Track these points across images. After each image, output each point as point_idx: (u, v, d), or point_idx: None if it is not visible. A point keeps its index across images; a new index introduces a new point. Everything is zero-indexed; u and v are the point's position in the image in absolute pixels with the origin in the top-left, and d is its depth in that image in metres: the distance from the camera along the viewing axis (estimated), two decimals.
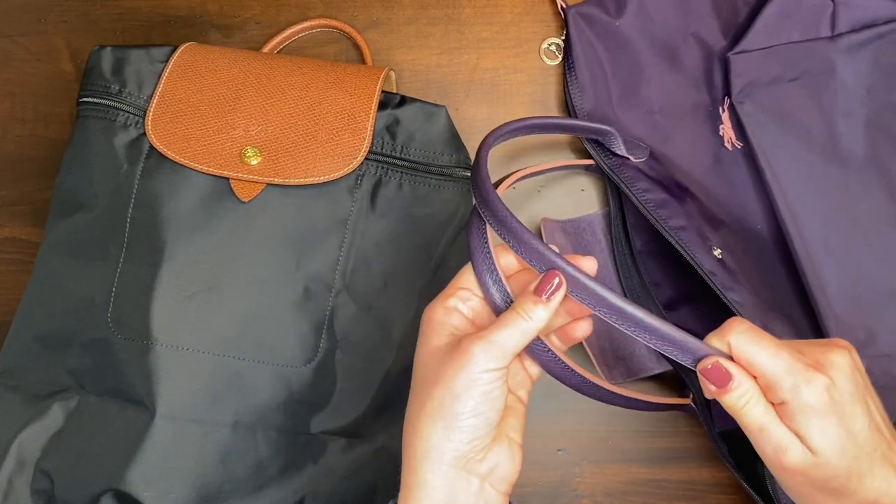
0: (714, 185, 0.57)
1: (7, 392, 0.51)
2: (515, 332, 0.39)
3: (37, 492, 0.49)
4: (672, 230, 0.53)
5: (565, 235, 0.57)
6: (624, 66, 0.59)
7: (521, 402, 0.44)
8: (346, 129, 0.52)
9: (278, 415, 0.50)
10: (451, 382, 0.38)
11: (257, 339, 0.50)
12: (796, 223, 0.54)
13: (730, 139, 0.57)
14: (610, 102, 0.59)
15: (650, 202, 0.55)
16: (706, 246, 0.55)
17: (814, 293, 0.54)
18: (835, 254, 0.54)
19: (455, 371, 0.38)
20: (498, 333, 0.39)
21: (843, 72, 0.56)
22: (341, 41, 0.62)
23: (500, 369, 0.39)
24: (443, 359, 0.39)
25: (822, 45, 0.57)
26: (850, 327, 0.53)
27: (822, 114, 0.56)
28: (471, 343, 0.39)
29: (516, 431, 0.43)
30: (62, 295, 0.51)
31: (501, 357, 0.39)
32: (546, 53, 0.61)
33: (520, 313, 0.39)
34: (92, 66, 0.54)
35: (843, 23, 0.57)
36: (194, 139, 0.52)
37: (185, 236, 0.50)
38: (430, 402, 0.39)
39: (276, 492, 0.50)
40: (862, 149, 0.56)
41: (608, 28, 0.59)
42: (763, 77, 0.56)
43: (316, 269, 0.51)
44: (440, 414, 0.39)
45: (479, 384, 0.38)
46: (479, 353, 0.38)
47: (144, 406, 0.48)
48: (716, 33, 0.59)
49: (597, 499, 0.57)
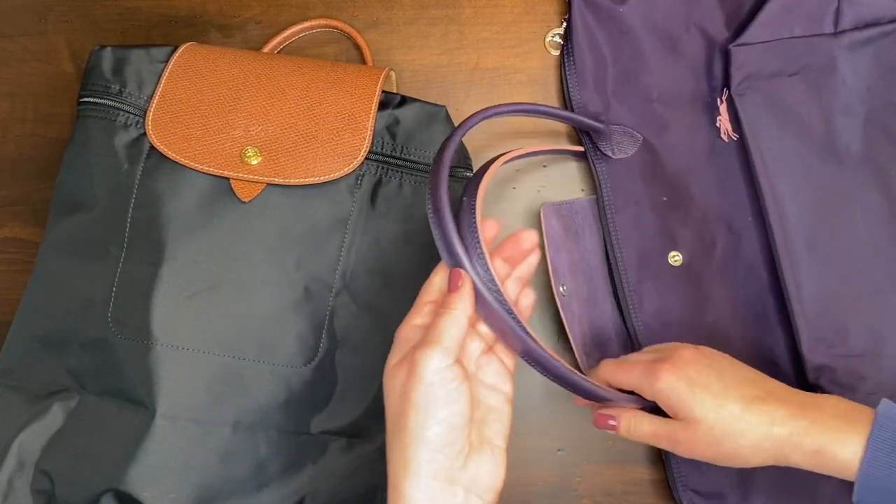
0: (707, 175, 0.57)
1: (7, 392, 0.51)
2: (446, 323, 0.41)
3: (37, 492, 0.49)
4: (620, 242, 0.56)
5: (558, 218, 0.57)
6: (625, 53, 0.59)
7: (506, 400, 0.44)
8: (346, 129, 0.52)
9: (278, 415, 0.50)
10: (409, 394, 0.39)
11: (257, 339, 0.50)
12: (781, 219, 0.55)
13: (726, 131, 0.57)
14: (608, 89, 0.59)
15: (611, 204, 0.57)
16: (664, 252, 0.56)
17: (788, 290, 0.54)
18: (816, 252, 0.54)
19: (410, 383, 0.40)
20: (433, 331, 0.41)
21: (845, 69, 0.56)
22: (341, 41, 0.62)
23: (448, 367, 0.40)
24: (401, 374, 0.41)
25: (825, 41, 0.57)
26: (819, 326, 0.53)
27: (821, 110, 0.56)
28: (415, 350, 0.40)
29: (500, 437, 0.43)
30: (62, 295, 0.51)
31: (443, 351, 0.40)
32: (551, 45, 0.61)
33: (442, 312, 0.41)
34: (92, 66, 0.54)
35: (846, 20, 0.57)
36: (195, 139, 0.52)
37: (186, 236, 0.50)
38: (398, 418, 0.40)
39: (276, 492, 0.50)
40: (859, 147, 0.56)
41: (612, 14, 0.59)
42: (763, 70, 0.57)
43: (316, 269, 0.51)
44: (406, 428, 0.39)
45: (433, 388, 0.39)
46: (424, 355, 0.40)
47: (144, 406, 0.48)
48: (719, 24, 0.59)
49: (597, 499, 0.57)
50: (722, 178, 0.57)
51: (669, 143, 0.58)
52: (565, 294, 0.55)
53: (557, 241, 0.56)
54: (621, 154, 0.57)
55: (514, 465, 0.57)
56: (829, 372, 0.53)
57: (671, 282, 0.56)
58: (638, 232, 0.57)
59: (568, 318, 0.55)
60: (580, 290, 0.57)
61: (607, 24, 0.59)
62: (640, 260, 0.56)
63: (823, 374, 0.53)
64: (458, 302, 0.41)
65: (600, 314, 0.57)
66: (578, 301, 0.56)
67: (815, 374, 0.53)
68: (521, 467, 0.58)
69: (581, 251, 0.57)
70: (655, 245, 0.57)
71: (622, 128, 0.58)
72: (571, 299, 0.56)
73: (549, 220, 0.56)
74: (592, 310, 0.57)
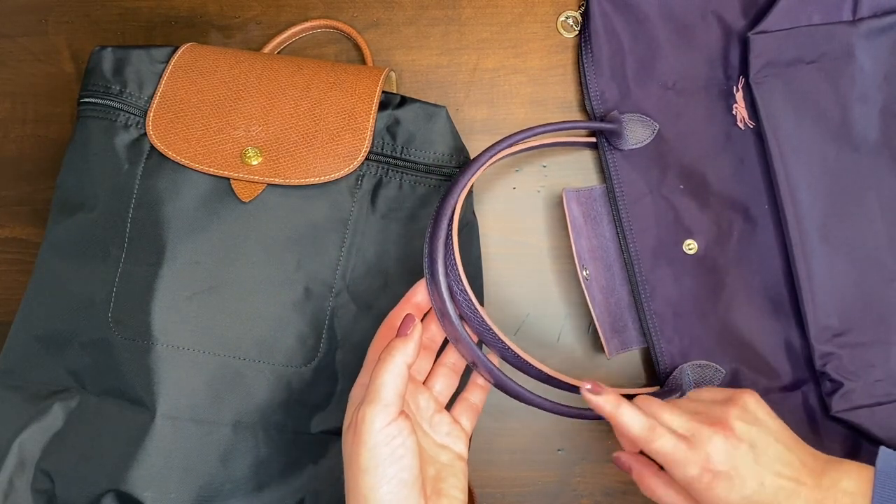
0: (723, 163, 0.58)
1: (7, 392, 0.51)
2: (385, 375, 0.41)
3: (37, 492, 0.49)
4: (633, 232, 0.57)
5: (579, 205, 0.58)
6: (641, 40, 0.59)
7: (459, 458, 0.46)
8: (346, 129, 0.52)
9: (278, 415, 0.50)
10: (357, 459, 0.40)
11: (258, 340, 0.50)
12: (795, 207, 0.55)
13: (742, 118, 0.58)
14: (625, 76, 0.59)
15: (623, 195, 0.57)
16: (679, 240, 0.57)
17: (799, 277, 0.54)
18: (830, 240, 0.55)
19: (356, 447, 0.40)
20: (372, 385, 0.41)
21: (862, 57, 0.56)
22: (342, 42, 0.62)
23: (391, 423, 0.40)
24: (349, 438, 0.41)
25: (843, 28, 0.57)
26: (827, 314, 0.54)
27: (838, 98, 0.56)
28: (358, 411, 0.40)
29: (457, 489, 0.44)
30: (63, 295, 0.51)
31: (384, 408, 0.40)
32: (563, 26, 0.61)
33: (383, 358, 0.41)
34: (93, 66, 0.54)
35: (865, 7, 0.57)
36: (195, 139, 0.52)
37: (186, 237, 0.50)
38: (352, 482, 0.40)
39: (276, 492, 0.50)
40: (875, 135, 0.56)
41: (629, 1, 0.59)
42: (782, 58, 0.57)
43: (316, 270, 0.51)
44: (360, 492, 0.40)
45: (378, 449, 0.39)
46: (365, 415, 0.40)
47: (145, 406, 0.48)
48: (736, 12, 0.59)
49: (597, 499, 0.57)
50: (738, 165, 0.58)
51: (685, 131, 0.58)
52: (588, 278, 0.56)
53: (578, 227, 0.57)
54: (635, 143, 0.58)
55: (514, 465, 0.58)
56: (835, 359, 0.53)
57: (685, 270, 0.56)
58: (653, 221, 0.57)
59: (591, 301, 0.55)
60: (599, 276, 0.57)
61: (624, 12, 0.59)
62: (655, 249, 0.57)
63: (830, 361, 0.53)
64: (399, 347, 0.41)
65: (617, 301, 0.57)
66: (598, 287, 0.57)
67: (821, 360, 0.54)
68: (520, 467, 0.58)
69: (599, 238, 0.58)
70: (670, 234, 0.57)
71: (637, 116, 0.58)
72: (593, 284, 0.56)
73: (570, 204, 0.57)
74: (610, 296, 0.57)
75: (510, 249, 0.59)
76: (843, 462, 0.45)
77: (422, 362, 0.48)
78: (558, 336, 0.58)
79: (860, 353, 0.54)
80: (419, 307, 0.47)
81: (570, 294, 0.59)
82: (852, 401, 0.53)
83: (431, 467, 0.44)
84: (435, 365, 0.49)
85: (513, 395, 0.48)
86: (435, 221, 0.46)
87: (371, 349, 0.46)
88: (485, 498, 0.58)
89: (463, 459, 0.46)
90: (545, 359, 0.58)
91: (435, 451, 0.45)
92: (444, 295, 0.45)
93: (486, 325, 0.46)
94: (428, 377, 0.49)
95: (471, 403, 0.49)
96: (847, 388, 0.53)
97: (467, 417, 0.48)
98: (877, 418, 0.53)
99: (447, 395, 0.48)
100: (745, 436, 0.44)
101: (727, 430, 0.44)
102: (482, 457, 0.57)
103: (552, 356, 0.58)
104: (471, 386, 0.49)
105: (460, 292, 0.45)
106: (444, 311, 0.45)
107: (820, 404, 0.55)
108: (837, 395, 0.53)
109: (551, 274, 0.59)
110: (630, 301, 0.57)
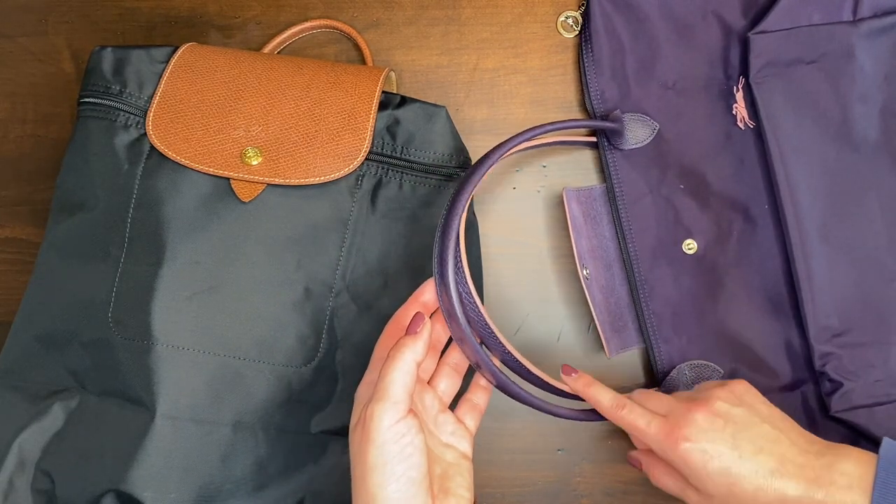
0: (723, 162, 0.58)
1: (8, 392, 0.51)
2: (394, 372, 0.41)
3: (37, 492, 0.49)
4: (633, 232, 0.57)
5: (578, 204, 0.58)
6: (642, 40, 0.59)
7: (465, 457, 0.46)
8: (346, 129, 0.52)
9: (278, 415, 0.50)
10: (365, 457, 0.40)
11: (258, 340, 0.50)
12: (795, 207, 0.55)
13: (742, 118, 0.58)
14: (626, 76, 0.59)
15: (623, 194, 0.57)
16: (678, 240, 0.57)
17: (799, 277, 0.54)
18: (830, 240, 0.55)
19: (364, 445, 0.40)
20: (381, 383, 0.41)
21: (862, 57, 0.56)
22: (341, 42, 0.62)
23: (400, 421, 0.40)
24: (357, 436, 0.41)
25: (843, 28, 0.57)
26: (827, 314, 0.54)
27: (838, 98, 0.56)
28: (365, 408, 0.40)
29: (464, 488, 0.44)
30: (62, 295, 0.51)
31: (393, 406, 0.40)
32: (563, 26, 0.61)
33: (392, 355, 0.41)
34: (92, 66, 0.54)
35: (865, 7, 0.57)
36: (195, 139, 0.52)
37: (186, 236, 0.50)
38: (359, 479, 0.40)
39: (276, 492, 0.50)
40: (876, 135, 0.56)
41: (629, 1, 0.59)
42: (782, 58, 0.57)
43: (316, 270, 0.51)
44: (368, 490, 0.40)
45: (386, 447, 0.39)
46: (374, 413, 0.40)
47: (145, 406, 0.48)
48: (736, 12, 0.59)
49: (597, 499, 0.57)
50: (738, 165, 0.58)
51: (685, 131, 0.58)
52: (588, 277, 0.56)
53: (578, 227, 0.57)
54: (635, 143, 0.58)
55: (514, 465, 0.58)
56: (834, 359, 0.54)
57: (685, 270, 0.57)
58: (653, 221, 0.57)
59: (592, 301, 0.55)
60: (599, 276, 0.57)
61: (624, 12, 0.60)
62: (654, 248, 0.57)
63: (829, 361, 0.54)
64: (409, 344, 0.42)
65: (617, 301, 0.57)
66: (598, 287, 0.57)
67: (821, 360, 0.54)
68: (520, 467, 0.58)
69: (599, 237, 0.58)
70: (670, 233, 0.57)
71: (637, 115, 0.58)
72: (593, 284, 0.56)
73: (570, 204, 0.57)
74: (610, 296, 0.57)
75: (510, 249, 0.59)
76: (842, 446, 0.45)
77: (427, 362, 0.48)
78: (558, 336, 0.58)
79: (860, 353, 0.54)
80: (426, 306, 0.47)
81: (570, 294, 0.59)
82: (852, 401, 0.53)
83: (438, 466, 0.44)
84: (439, 364, 0.49)
85: (514, 396, 0.48)
86: (445, 222, 0.45)
87: (378, 347, 0.46)
88: (485, 498, 0.58)
89: (468, 459, 0.46)
90: (545, 359, 0.58)
91: (441, 450, 0.46)
92: (454, 296, 0.44)
93: (489, 328, 0.46)
94: (432, 377, 0.49)
95: (474, 404, 0.49)
96: (846, 389, 0.53)
97: (471, 417, 0.48)
98: (876, 418, 0.53)
99: (451, 395, 0.49)
100: (723, 413, 0.45)
101: (707, 407, 0.45)
102: (483, 457, 0.57)
103: (552, 356, 0.58)
104: (474, 387, 0.49)
105: (465, 294, 0.45)
106: (452, 312, 0.45)
107: (819, 404, 0.55)
108: (837, 395, 0.53)
109: (551, 274, 0.59)
110: (630, 300, 0.58)
